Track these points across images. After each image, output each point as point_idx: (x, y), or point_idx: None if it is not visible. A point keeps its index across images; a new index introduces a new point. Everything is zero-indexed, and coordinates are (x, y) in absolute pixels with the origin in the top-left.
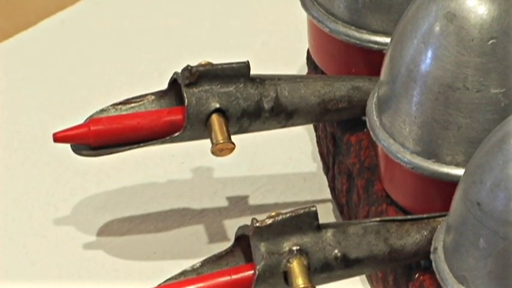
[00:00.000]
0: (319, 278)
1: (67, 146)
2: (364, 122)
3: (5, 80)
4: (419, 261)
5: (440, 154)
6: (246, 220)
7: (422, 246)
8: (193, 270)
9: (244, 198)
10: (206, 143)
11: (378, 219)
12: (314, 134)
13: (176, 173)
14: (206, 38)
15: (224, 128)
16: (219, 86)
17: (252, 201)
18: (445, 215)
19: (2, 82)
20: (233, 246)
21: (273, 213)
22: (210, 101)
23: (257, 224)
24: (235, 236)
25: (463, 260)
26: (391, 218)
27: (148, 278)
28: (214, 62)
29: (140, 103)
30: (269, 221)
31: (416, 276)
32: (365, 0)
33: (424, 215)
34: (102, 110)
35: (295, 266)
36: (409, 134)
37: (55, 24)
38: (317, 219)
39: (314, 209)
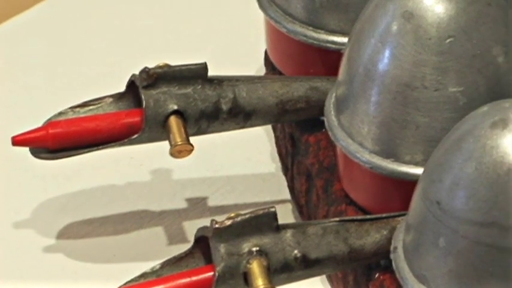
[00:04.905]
0: (279, 278)
1: (26, 150)
2: (323, 122)
3: None
4: (379, 261)
5: (399, 153)
6: (206, 221)
7: (382, 246)
8: (153, 272)
9: (204, 199)
10: (165, 145)
11: (337, 219)
12: (273, 135)
13: (135, 175)
14: (163, 39)
15: (182, 130)
16: (176, 87)
17: (211, 203)
18: (404, 214)
19: None
20: (193, 247)
21: (232, 214)
22: (168, 102)
23: (216, 225)
24: (195, 237)
25: (423, 259)
26: (351, 217)
27: (108, 280)
28: (172, 63)
29: (98, 105)
30: (228, 222)
31: (377, 275)
32: (322, 0)
33: (384, 215)
34: (61, 113)
35: (255, 267)
36: (367, 134)
37: (11, 28)
38: (276, 220)
39: (273, 209)
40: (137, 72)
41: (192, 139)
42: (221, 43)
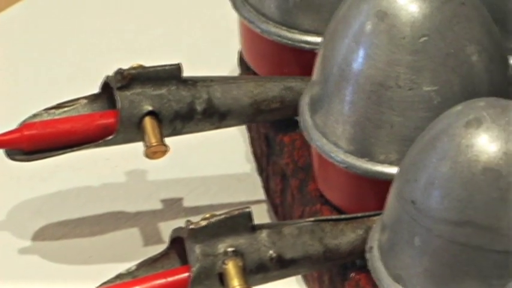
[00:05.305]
0: (254, 279)
1: (0, 152)
2: (297, 122)
3: None
4: (355, 261)
5: (374, 153)
6: (181, 222)
7: (358, 246)
8: (128, 273)
9: (179, 200)
10: (140, 146)
11: (312, 219)
12: (247, 135)
13: (110, 177)
14: (137, 40)
15: (157, 131)
16: (151, 88)
17: (186, 203)
18: (380, 214)
19: None
20: (168, 248)
21: (208, 215)
22: (142, 103)
23: (192, 226)
24: (170, 238)
25: (399, 258)
26: (326, 217)
27: (84, 281)
28: (146, 64)
29: (73, 107)
30: (203, 223)
31: (352, 275)
32: (295, 0)
33: (359, 214)
34: (35, 115)
35: (231, 268)
36: (342, 134)
37: None
38: (251, 220)
39: (248, 210)
40: (111, 74)
41: (167, 140)
42: (195, 44)
